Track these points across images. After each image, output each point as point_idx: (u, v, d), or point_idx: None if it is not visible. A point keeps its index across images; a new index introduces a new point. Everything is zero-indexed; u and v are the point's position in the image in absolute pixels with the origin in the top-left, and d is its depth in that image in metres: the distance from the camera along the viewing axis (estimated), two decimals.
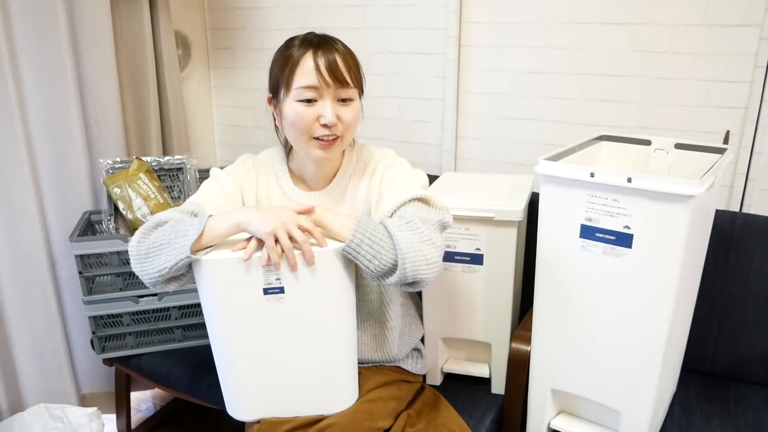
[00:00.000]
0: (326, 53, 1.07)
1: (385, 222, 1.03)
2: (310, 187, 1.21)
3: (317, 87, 1.06)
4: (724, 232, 1.42)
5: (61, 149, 1.63)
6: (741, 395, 1.39)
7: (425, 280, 1.01)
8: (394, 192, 1.12)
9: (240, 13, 2.12)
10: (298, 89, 1.07)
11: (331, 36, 1.13)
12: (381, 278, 1.02)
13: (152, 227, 1.05)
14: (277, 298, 0.99)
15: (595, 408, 1.26)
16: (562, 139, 1.67)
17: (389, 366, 1.27)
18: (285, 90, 1.09)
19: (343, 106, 1.10)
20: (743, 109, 1.49)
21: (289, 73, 1.08)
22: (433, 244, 1.02)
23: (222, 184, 1.17)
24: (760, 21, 1.42)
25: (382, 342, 1.24)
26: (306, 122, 1.08)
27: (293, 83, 1.08)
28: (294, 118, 1.08)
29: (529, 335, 1.30)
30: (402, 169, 1.19)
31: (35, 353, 1.67)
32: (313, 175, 1.20)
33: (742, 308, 1.42)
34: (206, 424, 1.93)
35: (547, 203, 1.17)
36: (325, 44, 1.09)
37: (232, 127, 2.29)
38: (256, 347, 1.03)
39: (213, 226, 1.01)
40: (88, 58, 1.66)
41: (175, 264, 0.98)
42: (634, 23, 1.55)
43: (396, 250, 0.99)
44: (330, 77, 1.06)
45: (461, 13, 1.74)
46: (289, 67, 1.08)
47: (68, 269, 1.68)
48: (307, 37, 1.11)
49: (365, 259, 0.99)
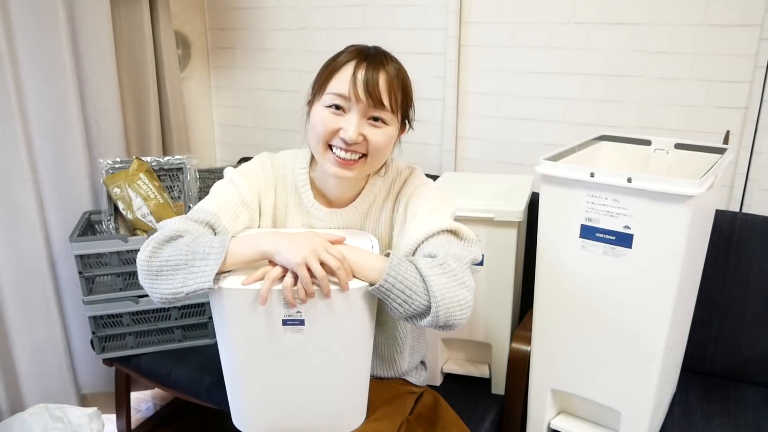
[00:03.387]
0: (371, 67, 1.00)
1: (418, 264, 0.96)
2: (331, 203, 1.12)
3: (347, 97, 0.99)
4: (724, 232, 1.42)
5: (61, 149, 1.63)
6: (741, 395, 1.39)
7: (458, 324, 0.95)
8: (422, 220, 1.04)
9: (240, 13, 2.12)
10: (329, 95, 1.01)
11: (391, 55, 1.06)
12: (411, 320, 0.97)
13: (165, 241, 0.96)
14: (296, 329, 0.94)
15: (595, 408, 1.26)
16: (562, 139, 1.67)
17: (395, 379, 1.25)
18: (319, 93, 1.04)
19: (373, 126, 1.01)
20: (743, 109, 1.49)
21: (327, 76, 1.03)
22: (467, 287, 0.96)
23: (239, 188, 1.08)
24: (760, 21, 1.42)
25: (392, 360, 1.21)
26: (326, 128, 1.00)
27: (327, 88, 1.02)
28: (315, 121, 1.02)
29: (529, 335, 1.30)
30: (430, 194, 1.10)
31: (35, 353, 1.67)
32: (335, 192, 1.11)
33: (742, 308, 1.42)
34: (206, 424, 1.93)
35: (547, 203, 1.17)
36: (374, 60, 1.02)
37: (232, 127, 2.29)
38: (270, 373, 0.99)
39: (236, 250, 0.94)
40: (88, 58, 1.66)
41: (193, 291, 0.93)
42: (634, 23, 1.55)
43: (429, 296, 0.93)
44: (363, 92, 0.98)
45: (461, 13, 1.74)
46: (329, 70, 1.03)
47: (68, 269, 1.67)
48: (363, 48, 1.04)
49: (395, 302, 0.94)
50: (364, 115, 1.00)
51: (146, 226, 1.60)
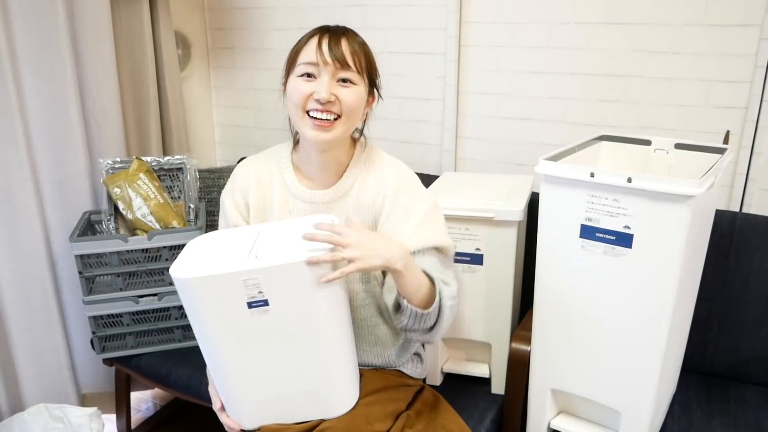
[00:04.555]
0: (333, 36, 1.09)
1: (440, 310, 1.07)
2: (315, 184, 1.19)
3: (316, 63, 1.07)
4: (724, 232, 1.42)
5: (61, 149, 1.63)
6: (741, 395, 1.39)
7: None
8: (414, 231, 1.11)
9: (240, 13, 2.12)
10: (299, 65, 1.10)
11: (352, 30, 1.14)
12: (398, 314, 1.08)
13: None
14: (262, 311, 0.96)
15: (595, 408, 1.26)
16: (562, 139, 1.67)
17: (390, 370, 1.26)
18: (291, 68, 1.12)
19: (343, 87, 1.09)
20: (743, 109, 1.49)
21: (295, 52, 1.12)
22: (454, 309, 1.11)
23: (227, 218, 1.21)
24: (760, 21, 1.42)
25: (380, 349, 1.23)
26: (301, 94, 1.08)
27: (297, 60, 1.10)
28: (291, 91, 1.10)
29: (529, 335, 1.30)
30: (420, 197, 1.17)
31: (35, 353, 1.67)
32: (318, 171, 1.17)
33: (742, 308, 1.42)
34: (206, 424, 1.92)
35: (547, 203, 1.17)
36: (336, 30, 1.11)
37: (232, 127, 2.29)
38: (248, 360, 1.01)
39: None
40: (88, 58, 1.66)
41: None
42: (634, 23, 1.55)
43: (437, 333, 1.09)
44: (330, 56, 1.07)
45: (461, 13, 1.74)
46: (297, 47, 1.12)
47: (68, 269, 1.67)
48: (325, 25, 1.13)
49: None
50: (333, 77, 1.08)
51: (146, 226, 1.60)
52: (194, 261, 0.98)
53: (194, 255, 1.01)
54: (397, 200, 1.14)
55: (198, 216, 1.69)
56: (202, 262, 0.98)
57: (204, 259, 0.99)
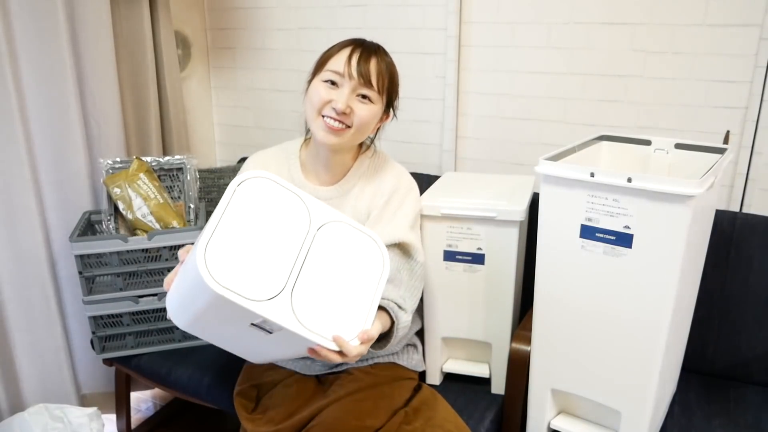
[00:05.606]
0: (365, 53, 1.16)
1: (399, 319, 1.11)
2: (319, 180, 1.27)
3: (342, 74, 1.14)
4: (724, 232, 1.42)
5: (61, 149, 1.63)
6: (741, 395, 1.39)
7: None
8: (387, 225, 1.20)
9: (240, 13, 2.12)
10: (327, 71, 1.16)
11: (385, 50, 1.22)
12: None
13: None
14: (262, 331, 0.94)
15: (595, 408, 1.26)
16: (562, 139, 1.67)
17: (383, 362, 1.27)
18: (318, 70, 1.19)
19: (361, 102, 1.16)
20: (743, 109, 1.49)
21: (326, 58, 1.19)
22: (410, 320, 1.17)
23: None
24: (760, 21, 1.42)
25: None
26: (320, 98, 1.15)
27: (326, 66, 1.17)
28: (312, 93, 1.17)
29: (529, 335, 1.30)
30: (409, 197, 1.26)
31: (35, 353, 1.67)
32: (324, 169, 1.25)
33: (742, 308, 1.42)
34: (206, 424, 1.93)
35: (547, 203, 1.17)
36: (369, 47, 1.18)
37: (232, 127, 2.29)
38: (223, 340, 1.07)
39: None
40: (88, 58, 1.66)
41: None
42: (634, 23, 1.55)
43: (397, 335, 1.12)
44: (356, 71, 1.14)
45: (461, 13, 1.74)
46: (330, 51, 1.19)
47: (68, 269, 1.67)
48: (362, 39, 1.20)
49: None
50: (354, 91, 1.15)
51: (146, 226, 1.60)
52: (228, 252, 0.89)
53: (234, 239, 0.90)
54: (388, 206, 1.24)
55: (198, 216, 1.68)
56: (234, 260, 0.89)
57: (239, 255, 0.90)
